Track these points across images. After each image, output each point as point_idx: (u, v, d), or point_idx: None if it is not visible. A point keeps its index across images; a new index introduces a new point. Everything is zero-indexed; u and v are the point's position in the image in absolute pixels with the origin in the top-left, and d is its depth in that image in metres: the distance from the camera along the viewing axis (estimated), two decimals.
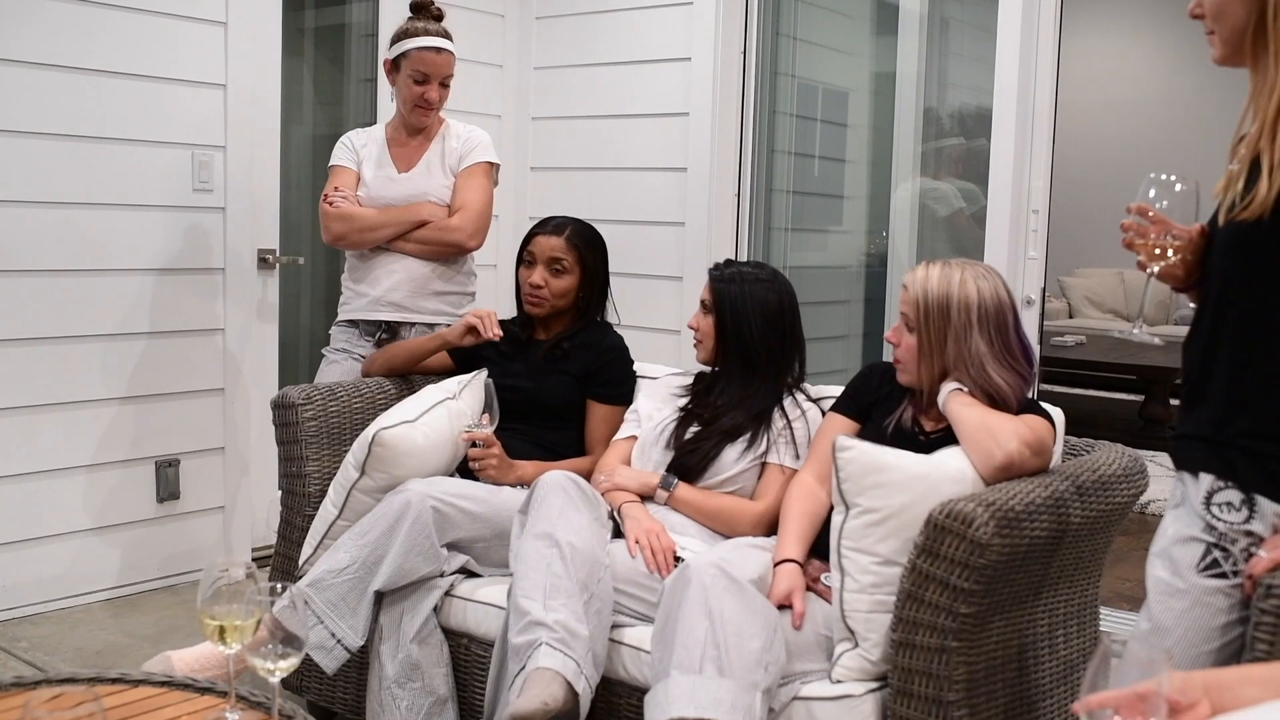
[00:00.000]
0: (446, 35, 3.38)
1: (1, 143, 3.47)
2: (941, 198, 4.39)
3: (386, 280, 3.37)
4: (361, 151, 3.48)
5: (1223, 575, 1.73)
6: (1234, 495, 1.72)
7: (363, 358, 3.38)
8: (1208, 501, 1.74)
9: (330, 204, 3.38)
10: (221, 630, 1.71)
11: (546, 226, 3.09)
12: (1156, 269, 1.82)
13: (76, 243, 3.66)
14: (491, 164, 3.46)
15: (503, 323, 3.24)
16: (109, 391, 3.79)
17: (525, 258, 3.09)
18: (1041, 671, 2.27)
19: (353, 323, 3.46)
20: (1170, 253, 1.79)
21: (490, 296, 4.63)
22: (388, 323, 3.39)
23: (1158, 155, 8.78)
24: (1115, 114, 9.49)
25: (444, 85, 3.38)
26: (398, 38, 3.38)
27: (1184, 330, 1.87)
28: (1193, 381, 1.82)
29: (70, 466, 3.72)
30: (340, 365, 3.41)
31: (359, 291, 3.43)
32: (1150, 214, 1.80)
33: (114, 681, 1.95)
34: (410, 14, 3.41)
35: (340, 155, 3.50)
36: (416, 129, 3.44)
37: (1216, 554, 1.73)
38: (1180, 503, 1.80)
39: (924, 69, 4.40)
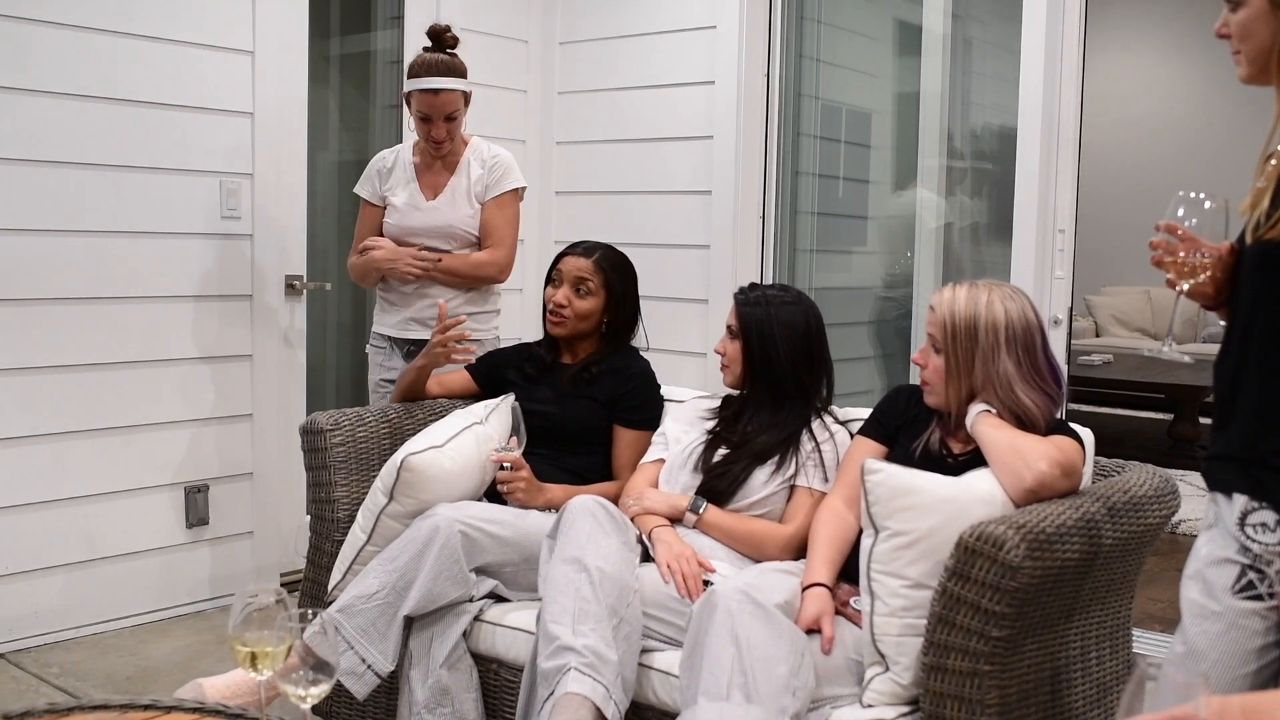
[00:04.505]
0: (451, 71, 3.39)
1: (33, 172, 3.52)
2: (933, 208, 4.41)
3: (418, 301, 3.49)
4: (390, 178, 3.55)
5: (1258, 597, 1.71)
6: (1269, 516, 1.71)
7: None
8: (1242, 522, 1.73)
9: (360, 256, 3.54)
10: (253, 657, 1.71)
11: (577, 248, 3.10)
12: (1186, 287, 1.81)
13: (107, 270, 3.70)
14: (519, 189, 3.51)
15: (529, 346, 3.26)
16: (138, 418, 3.81)
17: (553, 277, 3.10)
18: (1075, 694, 2.25)
19: (387, 337, 3.56)
20: (1200, 271, 1.78)
21: (515, 319, 4.65)
22: (418, 340, 3.44)
23: (1183, 172, 8.73)
24: (1140, 131, 9.46)
25: (450, 120, 3.41)
26: (408, 72, 3.43)
27: (1212, 348, 1.86)
28: (1224, 400, 1.81)
29: (100, 492, 3.75)
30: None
31: (391, 310, 3.55)
32: (1179, 232, 1.79)
33: (146, 708, 1.96)
34: (427, 42, 3.47)
35: (365, 189, 3.61)
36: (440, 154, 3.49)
37: (1252, 575, 1.71)
38: (1214, 524, 1.79)
39: (948, 89, 4.40)
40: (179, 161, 3.84)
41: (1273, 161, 1.73)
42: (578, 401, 3.04)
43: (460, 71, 3.42)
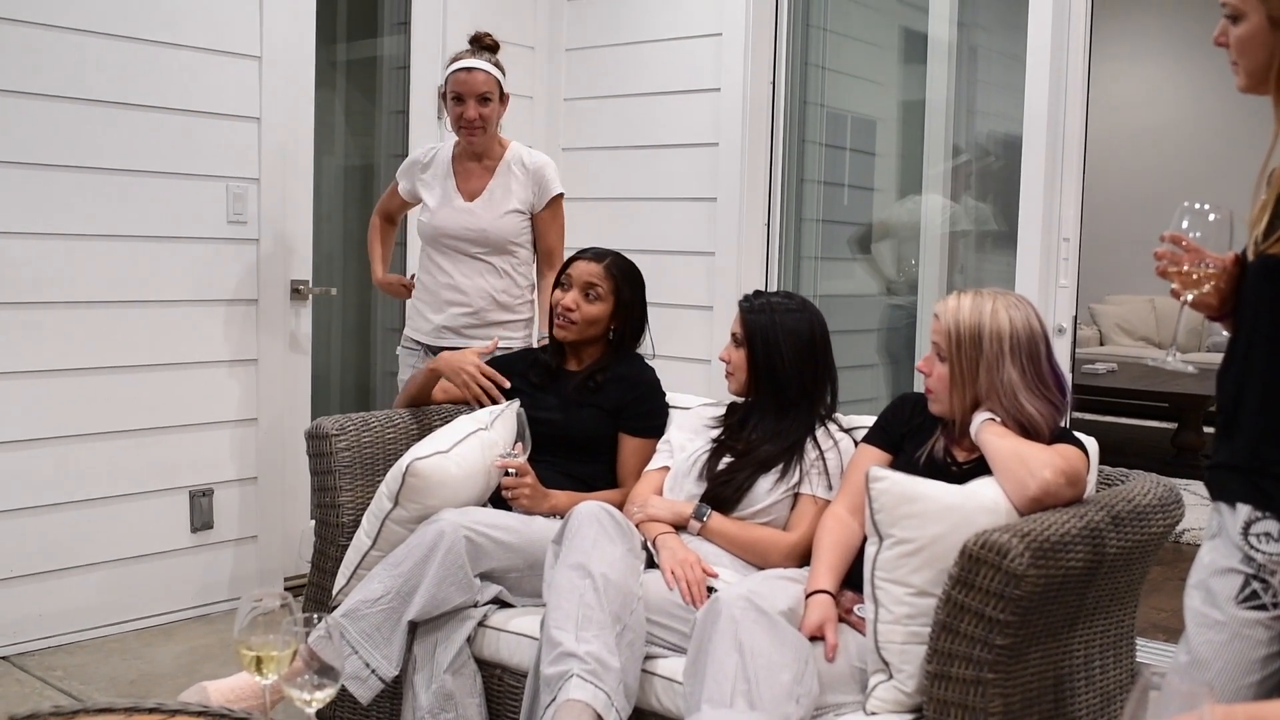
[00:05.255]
0: (488, 60, 3.47)
1: (40, 176, 3.53)
2: (940, 215, 4.41)
3: (449, 309, 3.53)
4: (426, 171, 3.61)
5: (1262, 607, 1.71)
6: (1272, 525, 1.71)
7: None
8: (1245, 532, 1.73)
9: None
10: (258, 660, 1.72)
11: (587, 253, 3.11)
12: (1190, 298, 1.81)
13: (113, 274, 3.71)
14: (561, 194, 3.61)
15: (534, 352, 3.26)
16: (143, 422, 3.82)
17: (562, 280, 3.11)
18: (1078, 703, 2.25)
19: (419, 343, 3.60)
20: (1204, 282, 1.79)
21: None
22: (451, 346, 3.48)
23: (1187, 181, 8.74)
24: (1145, 141, 9.46)
25: (483, 103, 3.45)
26: (446, 65, 3.51)
27: (1217, 357, 1.86)
28: (1227, 411, 1.81)
29: (105, 496, 3.76)
30: None
31: (424, 315, 3.58)
32: (1184, 243, 1.79)
33: (151, 711, 1.96)
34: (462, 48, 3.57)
35: (401, 175, 3.69)
36: (476, 153, 3.52)
37: (1256, 585, 1.71)
38: (1217, 533, 1.79)
39: (953, 97, 4.41)
40: (186, 166, 3.85)
41: (1275, 176, 1.74)
42: (583, 409, 3.04)
43: (497, 63, 3.50)
